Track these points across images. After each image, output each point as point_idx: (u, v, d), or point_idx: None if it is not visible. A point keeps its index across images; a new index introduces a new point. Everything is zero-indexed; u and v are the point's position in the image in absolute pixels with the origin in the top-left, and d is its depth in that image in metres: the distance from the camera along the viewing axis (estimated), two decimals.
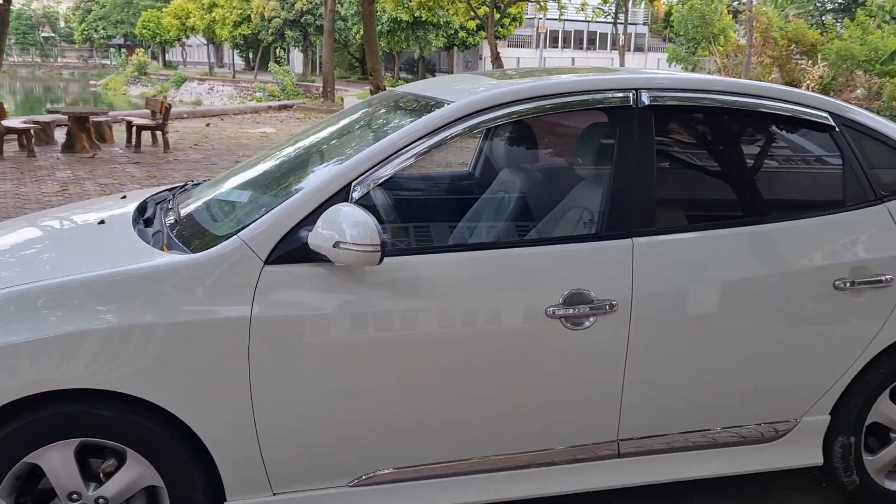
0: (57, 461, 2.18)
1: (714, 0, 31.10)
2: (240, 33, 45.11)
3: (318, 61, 49.42)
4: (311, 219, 2.26)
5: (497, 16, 15.38)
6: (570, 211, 2.57)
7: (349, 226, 2.13)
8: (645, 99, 2.57)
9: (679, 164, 2.75)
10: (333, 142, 3.02)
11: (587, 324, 2.41)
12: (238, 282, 2.22)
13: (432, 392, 2.39)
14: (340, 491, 2.41)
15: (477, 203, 2.71)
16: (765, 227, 2.63)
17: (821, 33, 26.49)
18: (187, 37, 50.41)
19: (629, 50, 45.45)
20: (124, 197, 3.27)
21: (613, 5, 20.73)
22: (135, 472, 2.24)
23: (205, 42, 51.80)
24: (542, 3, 16.70)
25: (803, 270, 2.62)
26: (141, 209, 2.90)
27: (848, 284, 2.63)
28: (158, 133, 11.80)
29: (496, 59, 15.21)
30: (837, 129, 2.74)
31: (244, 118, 18.13)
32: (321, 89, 22.23)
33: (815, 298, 2.63)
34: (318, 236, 2.19)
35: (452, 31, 36.07)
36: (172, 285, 2.20)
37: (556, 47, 44.21)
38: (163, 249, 2.37)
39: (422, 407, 2.39)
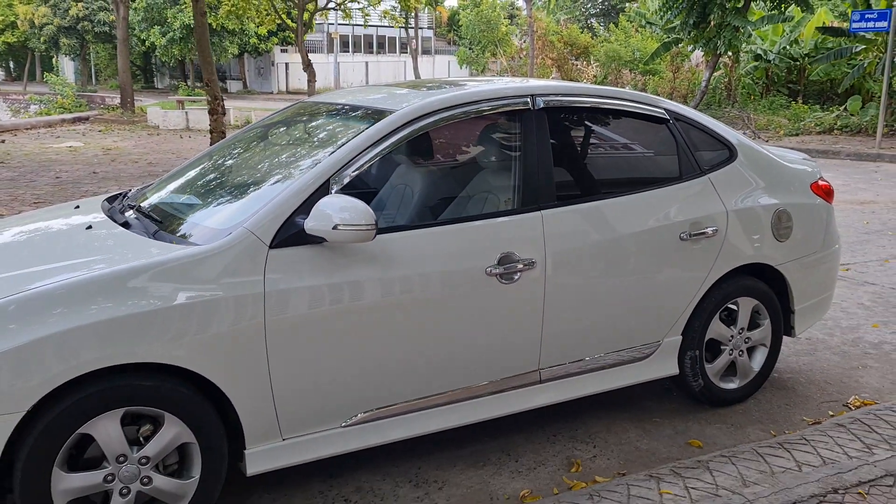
0: (106, 429, 2.53)
1: (496, 8, 33.30)
2: (3, 41, 41.54)
3: (93, 70, 46.57)
4: (301, 209, 2.78)
5: (309, 19, 15.72)
6: (496, 191, 3.26)
7: (346, 210, 2.68)
8: (540, 102, 3.33)
9: (565, 151, 3.52)
10: (284, 145, 3.50)
11: (515, 278, 3.12)
12: (250, 264, 2.69)
13: (405, 342, 2.98)
14: (335, 431, 2.94)
15: (426, 189, 3.31)
16: (630, 196, 3.48)
17: (592, 37, 29.42)
18: None
19: (420, 53, 47.18)
20: (77, 207, 3.53)
21: (404, 12, 21.79)
22: (172, 432, 2.63)
23: None
24: (346, 11, 17.32)
25: (657, 228, 3.51)
26: (112, 214, 3.23)
27: (688, 236, 3.55)
28: None
29: (308, 66, 15.58)
30: (671, 121, 3.68)
31: (39, 133, 17.12)
32: (119, 100, 21.31)
33: (667, 248, 3.53)
34: (315, 221, 2.71)
35: (246, 39, 35.61)
36: (196, 271, 2.63)
37: (348, 52, 44.86)
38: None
39: (397, 354, 2.98)
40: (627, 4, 32.07)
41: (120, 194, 3.77)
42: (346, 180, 2.89)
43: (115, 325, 2.48)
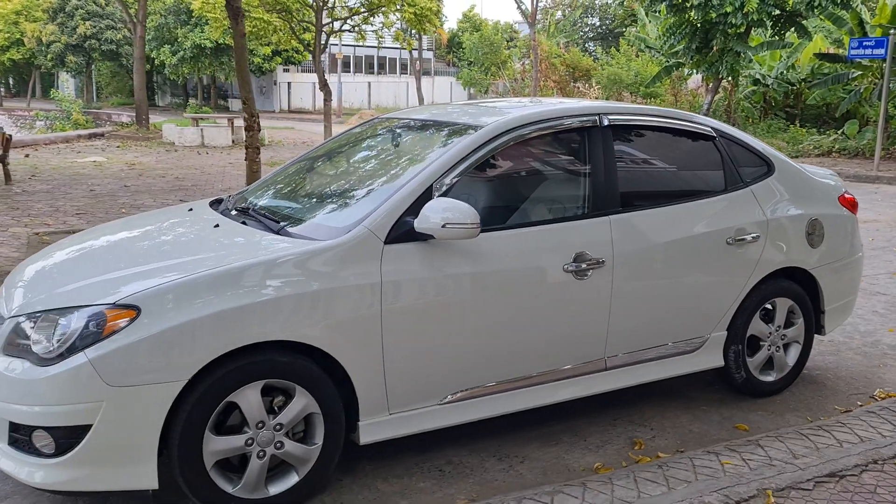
0: (249, 398, 2.91)
1: (498, 31, 33.99)
2: (8, 58, 41.97)
3: (95, 88, 46.98)
4: (410, 210, 3.18)
5: (326, 40, 16.18)
6: (570, 198, 3.67)
7: (453, 211, 3.07)
8: (605, 120, 3.75)
9: (627, 164, 3.92)
10: (378, 154, 3.92)
11: (588, 275, 3.52)
12: (369, 257, 3.08)
13: (495, 329, 3.37)
14: (433, 408, 3.32)
15: (511, 194, 3.70)
16: (683, 205, 3.90)
17: (593, 60, 30.08)
18: None
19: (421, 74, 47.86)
20: (191, 209, 3.93)
21: (417, 34, 22.38)
22: (301, 403, 3.01)
23: None
24: (361, 33, 17.83)
25: (707, 233, 3.92)
26: (226, 214, 3.64)
27: (733, 241, 3.97)
28: None
29: (324, 86, 16.04)
30: (717, 138, 4.10)
31: (59, 148, 17.49)
32: (125, 117, 21.68)
33: (716, 251, 3.94)
34: (426, 220, 3.10)
35: (250, 58, 36.15)
36: (325, 262, 3.02)
37: (349, 72, 45.46)
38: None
39: (487, 340, 3.37)
40: (626, 29, 32.75)
41: (220, 199, 4.15)
42: (445, 186, 3.29)
43: (260, 307, 2.87)
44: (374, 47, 46.99)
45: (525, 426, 3.80)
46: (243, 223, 3.49)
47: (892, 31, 16.21)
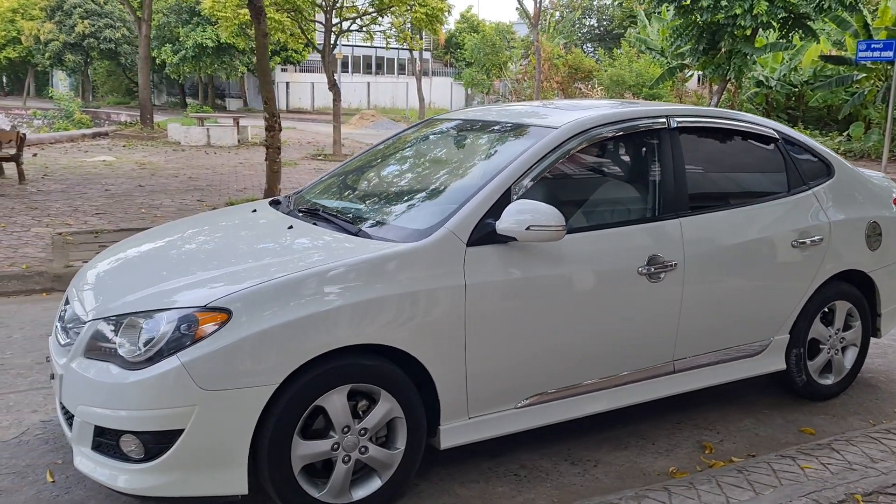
0: (336, 403, 2.87)
1: (500, 32, 33.99)
2: (5, 56, 41.71)
3: (90, 87, 46.71)
4: (490, 213, 3.14)
5: (335, 41, 16.11)
6: (641, 199, 3.65)
7: (538, 213, 3.04)
8: (674, 122, 3.73)
9: (694, 165, 3.90)
10: (443, 155, 3.88)
11: (661, 278, 3.50)
12: (453, 260, 3.05)
13: (572, 332, 3.34)
14: (509, 412, 3.29)
15: (585, 196, 3.67)
16: (749, 207, 3.88)
17: (596, 61, 30.12)
18: None
19: (414, 74, 47.80)
20: (255, 211, 3.89)
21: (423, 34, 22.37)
22: (386, 407, 2.98)
23: None
24: (370, 33, 17.78)
25: (774, 236, 3.90)
26: (292, 215, 3.60)
27: (798, 244, 3.95)
28: (8, 164, 11.33)
29: (333, 86, 15.97)
30: (780, 140, 4.09)
31: (65, 147, 17.38)
32: (124, 116, 21.57)
33: (782, 254, 3.92)
34: (509, 223, 3.07)
35: (251, 58, 36.03)
36: (410, 264, 2.99)
37: (347, 72, 45.36)
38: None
39: (564, 343, 3.34)
40: (627, 31, 32.79)
41: (278, 199, 4.11)
42: (524, 188, 3.25)
43: (350, 310, 2.84)
44: (373, 47, 47.00)
45: (591, 430, 3.77)
46: (315, 224, 3.44)
47: None
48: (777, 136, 4.09)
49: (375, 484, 3.02)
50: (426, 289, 2.98)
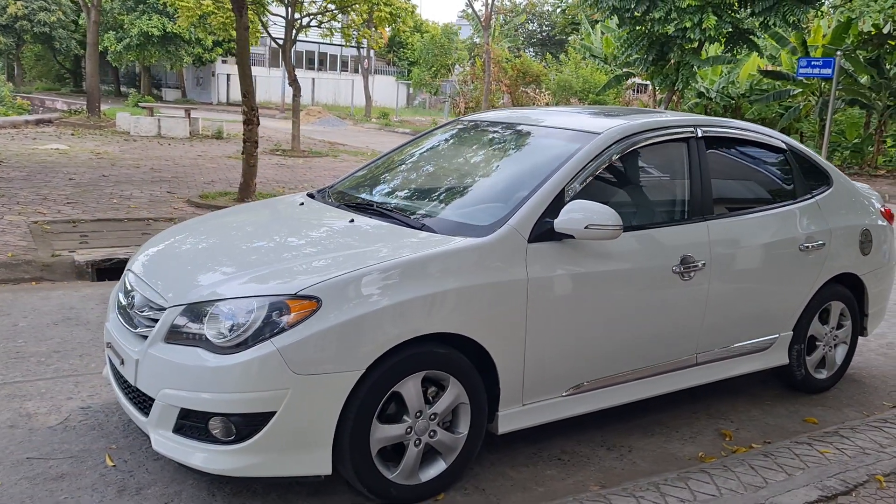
0: (411, 388, 3.02)
1: (448, 34, 34.21)
2: None
3: (16, 71, 44.95)
4: (548, 212, 3.33)
5: (295, 36, 16.01)
6: (673, 202, 3.90)
7: (596, 212, 3.25)
8: (699, 131, 4.00)
9: (716, 172, 4.17)
10: (488, 154, 4.05)
11: (691, 276, 3.76)
12: (516, 255, 3.23)
13: (614, 325, 3.56)
14: (558, 400, 3.49)
15: (625, 198, 3.89)
16: (764, 212, 4.18)
17: (544, 66, 30.64)
18: None
19: (357, 72, 47.59)
20: (302, 204, 3.98)
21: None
22: (454, 393, 3.13)
23: None
24: (331, 30, 17.74)
25: (785, 240, 4.21)
26: (343, 208, 3.73)
27: (805, 247, 4.27)
28: None
29: (294, 81, 15.90)
30: (788, 151, 4.41)
31: (10, 133, 16.78)
32: (86, 104, 20.94)
33: (791, 256, 4.24)
34: (568, 222, 3.26)
35: (202, 49, 35.34)
36: (481, 258, 3.15)
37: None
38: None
39: (607, 335, 3.55)
40: (571, 37, 33.49)
41: (315, 192, 4.21)
42: (575, 189, 3.46)
43: (429, 299, 2.99)
44: (316, 43, 46.59)
45: (618, 419, 4.00)
46: (373, 218, 3.56)
47: (838, 53, 17.17)
48: (785, 147, 4.41)
49: (440, 466, 3.17)
50: (495, 281, 3.15)
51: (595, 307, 3.48)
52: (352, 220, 3.54)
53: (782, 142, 4.43)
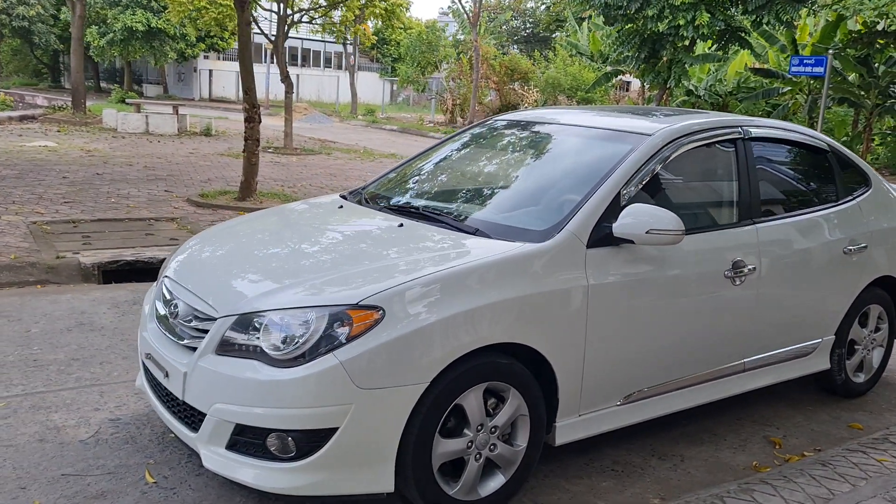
0: (472, 401, 2.90)
1: (436, 30, 34.02)
2: None
3: (1, 66, 44.20)
4: (605, 216, 3.22)
5: (286, 31, 15.78)
6: (723, 205, 3.81)
7: (656, 217, 3.14)
8: (747, 132, 3.91)
9: (763, 174, 4.08)
10: (533, 156, 3.93)
11: (742, 281, 3.66)
12: (576, 261, 3.12)
13: (671, 331, 3.46)
14: (612, 409, 3.38)
15: (677, 201, 3.78)
16: (810, 215, 4.10)
17: (533, 63, 30.56)
18: None
19: (341, 68, 47.30)
20: (341, 207, 3.83)
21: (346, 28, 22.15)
22: (514, 405, 3.01)
23: None
24: (324, 26, 17.52)
25: (830, 242, 4.14)
26: (386, 211, 3.60)
27: (848, 250, 4.20)
28: None
29: (286, 78, 15.68)
30: (829, 152, 4.33)
31: None
32: (71, 101, 20.53)
33: (836, 260, 4.16)
34: (627, 226, 3.15)
35: (185, 44, 34.81)
36: (541, 265, 3.04)
37: (273, 63, 44.40)
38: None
39: (664, 341, 3.45)
40: (558, 35, 33.45)
41: (347, 194, 4.08)
42: (631, 192, 3.35)
43: (491, 308, 2.86)
44: (299, 38, 46.18)
45: (664, 427, 3.90)
46: (422, 223, 3.43)
47: (830, 51, 17.23)
48: (828, 148, 4.34)
49: (499, 480, 3.05)
50: (558, 289, 3.04)
51: (650, 314, 3.38)
52: (401, 225, 3.40)
53: (824, 142, 4.35)
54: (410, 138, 24.81)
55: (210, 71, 43.66)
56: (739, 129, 3.90)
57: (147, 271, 6.50)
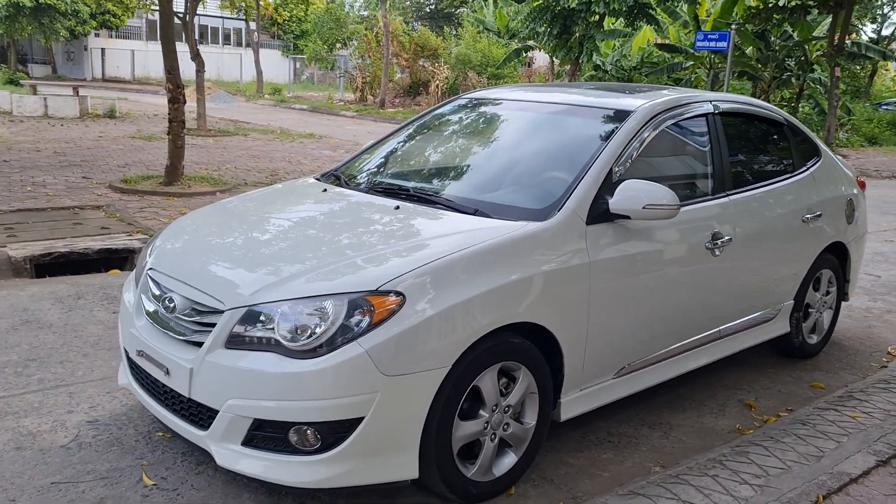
0: (488, 382, 2.89)
1: (345, 6, 33.39)
2: None
3: None
4: (600, 193, 3.26)
5: (194, 8, 15.15)
6: (700, 178, 3.91)
7: (652, 192, 3.19)
8: (717, 107, 4.02)
9: (731, 147, 4.20)
10: (516, 134, 3.90)
11: (721, 252, 3.79)
12: (577, 238, 3.14)
13: (662, 304, 3.54)
14: (609, 382, 3.44)
15: (659, 175, 3.82)
16: (774, 186, 4.27)
17: (442, 40, 30.45)
18: None
19: (241, 45, 45.92)
20: (325, 190, 3.72)
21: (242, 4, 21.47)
22: (525, 383, 3.03)
23: None
24: (234, 2, 16.86)
25: (792, 211, 4.32)
26: (374, 193, 3.54)
27: (805, 219, 4.40)
28: None
29: (196, 56, 15.09)
30: (785, 125, 4.52)
31: None
32: None
33: (797, 228, 4.36)
34: (624, 201, 3.20)
35: (76, 21, 32.84)
36: (547, 243, 3.05)
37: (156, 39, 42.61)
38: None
39: (655, 314, 3.53)
40: (464, 11, 33.45)
41: (320, 176, 3.98)
42: (622, 168, 3.40)
43: (507, 288, 2.86)
44: (198, 15, 44.48)
45: (643, 396, 3.97)
46: (418, 205, 3.37)
47: (733, 26, 17.92)
48: (784, 122, 4.52)
49: (511, 459, 3.07)
50: (563, 266, 3.06)
51: (644, 287, 3.45)
52: (397, 207, 3.34)
53: (781, 115, 4.53)
54: (323, 117, 24.40)
55: (103, 49, 41.56)
56: (710, 103, 4.01)
57: (83, 263, 6.17)
